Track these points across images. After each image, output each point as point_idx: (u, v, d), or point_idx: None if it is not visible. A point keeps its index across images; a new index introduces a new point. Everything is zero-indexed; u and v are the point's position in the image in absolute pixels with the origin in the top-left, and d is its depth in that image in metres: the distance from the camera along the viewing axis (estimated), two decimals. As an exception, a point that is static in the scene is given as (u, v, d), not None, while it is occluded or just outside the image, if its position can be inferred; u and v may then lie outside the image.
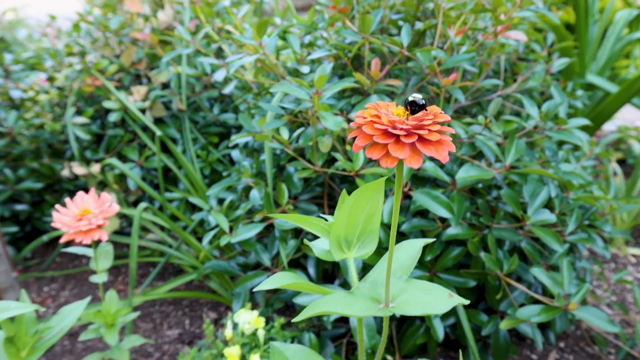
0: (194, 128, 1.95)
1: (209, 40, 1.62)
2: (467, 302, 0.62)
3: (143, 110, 1.89)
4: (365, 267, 1.25)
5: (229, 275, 1.60)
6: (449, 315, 1.31)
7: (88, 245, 1.65)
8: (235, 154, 1.55)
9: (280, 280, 0.62)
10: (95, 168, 1.84)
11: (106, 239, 1.06)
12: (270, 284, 0.62)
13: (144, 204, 1.52)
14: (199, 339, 1.62)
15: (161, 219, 1.66)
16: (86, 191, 1.99)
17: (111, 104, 1.80)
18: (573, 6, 2.51)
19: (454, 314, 1.30)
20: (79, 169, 1.83)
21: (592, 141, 1.47)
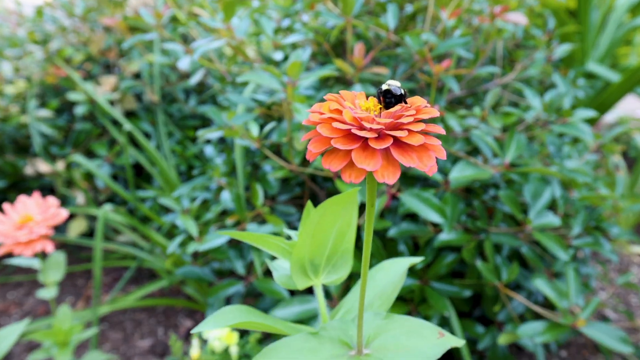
0: (169, 121, 1.81)
1: (179, 25, 1.48)
2: (462, 343, 0.49)
3: (114, 103, 1.75)
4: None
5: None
6: (442, 325, 1.19)
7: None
8: (208, 150, 1.42)
9: (227, 318, 0.50)
10: (61, 165, 1.70)
11: (51, 250, 0.93)
12: (213, 324, 0.49)
13: (108, 206, 1.39)
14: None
15: (129, 220, 1.53)
16: (52, 191, 1.86)
17: (77, 95, 1.66)
18: (573, -10, 2.38)
19: (448, 324, 1.18)
20: (43, 167, 1.69)
21: (598, 134, 1.35)
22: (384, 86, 0.35)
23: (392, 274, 0.58)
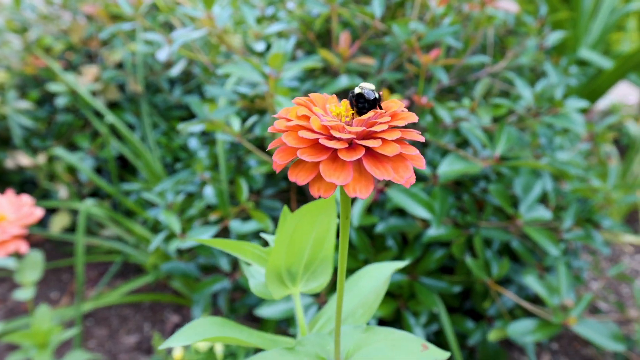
0: (154, 112, 1.77)
1: (160, 13, 1.44)
2: (447, 356, 0.47)
3: (96, 93, 1.70)
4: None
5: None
6: (432, 321, 1.17)
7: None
8: (192, 143, 1.38)
9: (198, 332, 0.47)
10: (42, 158, 1.65)
11: (25, 250, 0.90)
12: (184, 339, 0.46)
13: (90, 200, 1.35)
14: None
15: (112, 214, 1.50)
16: (34, 184, 1.81)
17: (57, 86, 1.61)
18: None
19: (437, 320, 1.16)
20: (24, 160, 1.65)
21: (590, 124, 1.32)
22: (357, 89, 0.32)
23: (375, 279, 0.55)
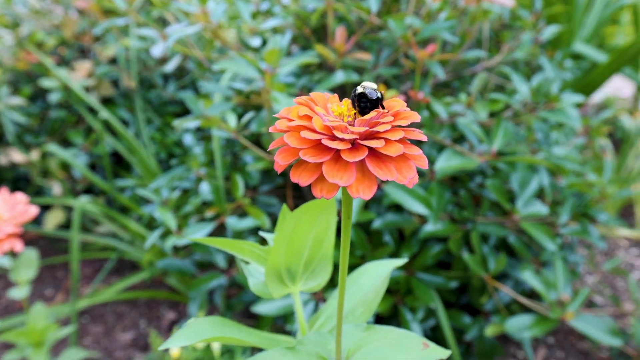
0: (148, 107, 1.76)
1: (154, 8, 1.42)
2: (448, 354, 0.46)
3: (90, 89, 1.69)
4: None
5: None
6: (429, 316, 1.17)
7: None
8: (187, 139, 1.37)
9: (197, 333, 0.46)
10: (35, 155, 1.64)
11: (20, 249, 0.89)
12: (183, 339, 0.46)
13: (85, 197, 1.34)
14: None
15: (107, 211, 1.49)
16: (28, 181, 1.80)
17: (50, 82, 1.59)
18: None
19: (434, 315, 1.16)
20: (17, 156, 1.64)
21: (586, 119, 1.32)
22: (359, 89, 0.32)
23: (375, 277, 0.55)
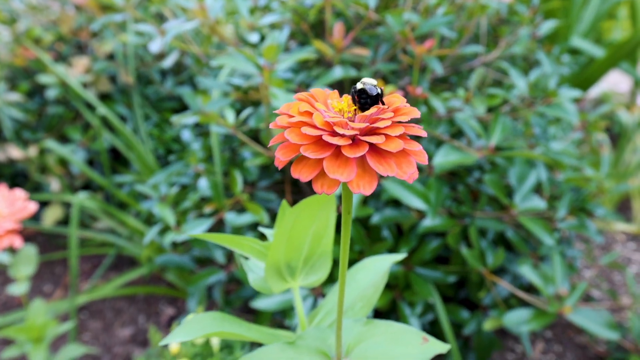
0: (146, 103, 1.76)
1: (152, 4, 1.42)
2: (447, 348, 0.47)
3: (87, 85, 1.69)
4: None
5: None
6: (427, 311, 1.17)
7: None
8: (186, 135, 1.37)
9: (197, 328, 0.47)
10: (33, 151, 1.64)
11: (19, 245, 0.89)
12: (183, 335, 0.46)
13: (83, 193, 1.34)
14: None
15: (105, 207, 1.49)
16: (26, 177, 1.80)
17: (47, 78, 1.59)
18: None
19: (433, 310, 1.17)
20: (15, 152, 1.63)
21: (583, 113, 1.33)
22: (359, 85, 0.32)
23: (374, 273, 0.56)
